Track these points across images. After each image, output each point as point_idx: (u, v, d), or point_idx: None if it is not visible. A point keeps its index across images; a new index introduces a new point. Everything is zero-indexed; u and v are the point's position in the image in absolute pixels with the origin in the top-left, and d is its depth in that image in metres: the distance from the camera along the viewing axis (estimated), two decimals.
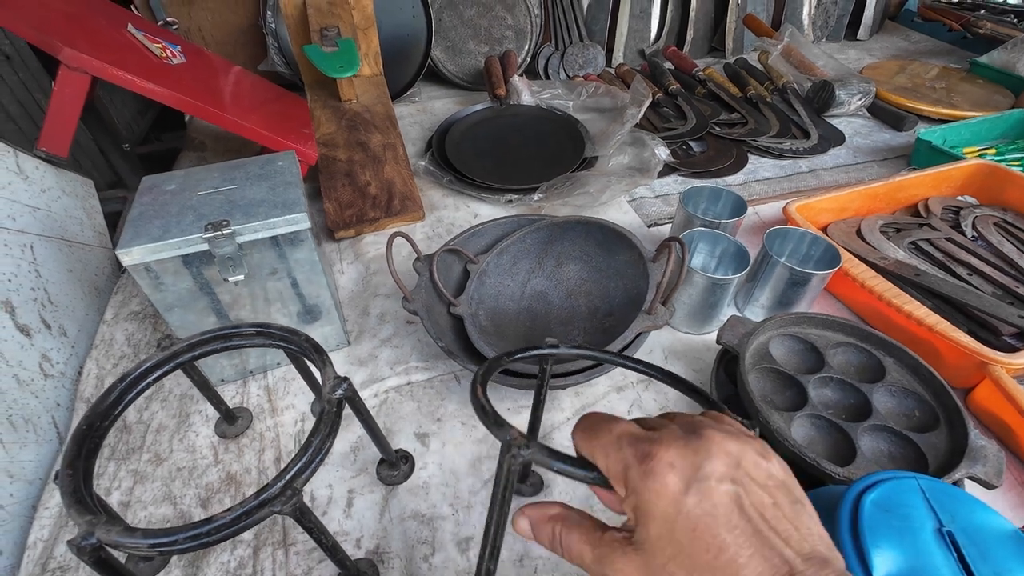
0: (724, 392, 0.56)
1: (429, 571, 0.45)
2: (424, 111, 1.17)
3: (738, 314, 0.61)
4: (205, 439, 0.57)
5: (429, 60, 1.18)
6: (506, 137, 1.01)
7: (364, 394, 0.60)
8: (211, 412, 0.59)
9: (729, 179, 0.96)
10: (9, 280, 0.56)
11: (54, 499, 0.50)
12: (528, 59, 1.27)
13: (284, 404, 0.60)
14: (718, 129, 1.08)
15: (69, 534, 0.48)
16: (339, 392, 0.39)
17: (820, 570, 0.19)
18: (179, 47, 0.77)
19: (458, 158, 0.94)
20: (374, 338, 0.66)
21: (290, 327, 0.44)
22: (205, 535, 0.33)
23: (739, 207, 0.70)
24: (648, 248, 0.60)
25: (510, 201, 0.87)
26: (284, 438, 0.56)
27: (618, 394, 0.60)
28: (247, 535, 0.48)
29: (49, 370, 0.58)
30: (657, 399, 0.59)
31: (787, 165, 1.00)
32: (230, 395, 0.60)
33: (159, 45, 0.73)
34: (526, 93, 1.08)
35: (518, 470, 0.30)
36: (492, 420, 0.29)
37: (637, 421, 0.26)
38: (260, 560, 0.47)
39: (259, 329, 0.44)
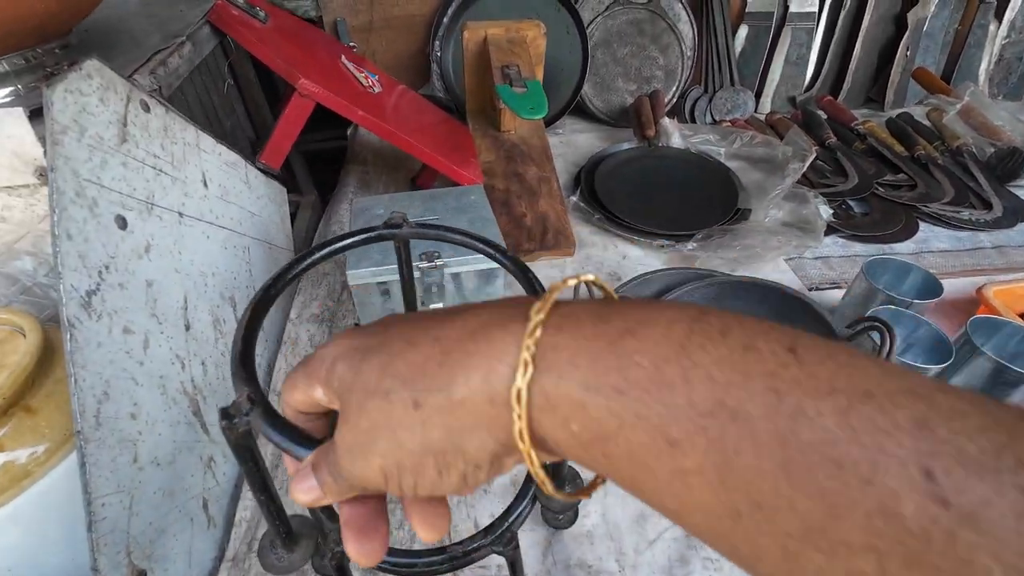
0: None
1: None
2: (568, 144, 1.19)
3: None
4: None
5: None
6: (655, 179, 1.01)
7: None
8: None
9: (897, 247, 0.90)
10: (234, 278, 0.64)
11: None
12: (675, 100, 1.27)
13: None
14: (881, 190, 1.01)
15: None
16: None
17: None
18: (376, 76, 0.84)
19: (607, 196, 0.95)
20: None
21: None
22: (439, 563, 0.35)
23: (931, 287, 0.65)
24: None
25: (662, 247, 0.87)
26: None
27: None
28: None
29: None
30: None
31: (966, 237, 0.92)
32: None
33: (364, 75, 0.81)
34: (676, 136, 1.07)
35: (240, 444, 0.25)
36: (238, 360, 0.24)
37: None
38: None
39: None
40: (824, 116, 1.24)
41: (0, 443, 0.37)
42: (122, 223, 0.44)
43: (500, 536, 0.37)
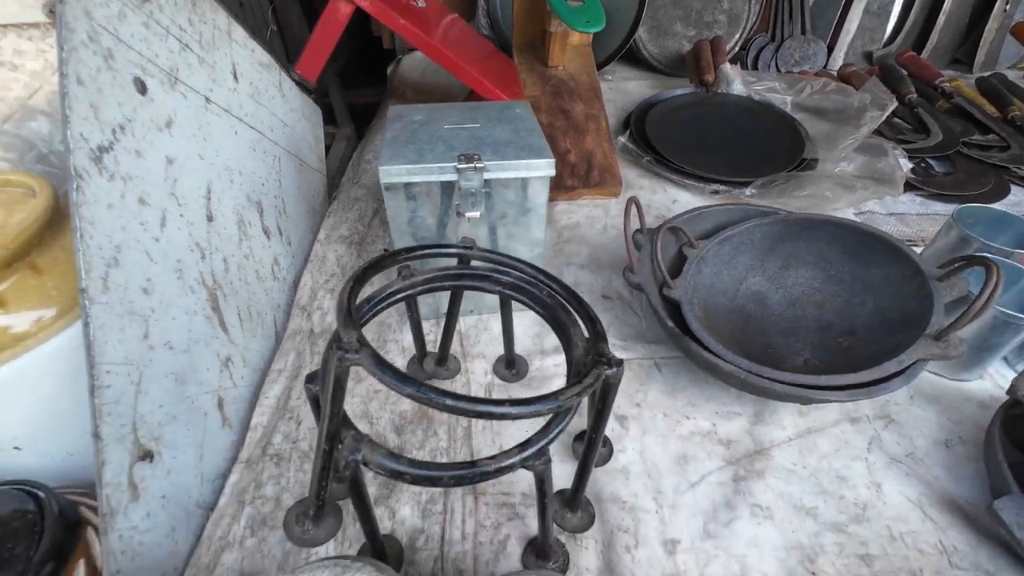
0: (1010, 458, 0.45)
1: (632, 563, 0.41)
2: (617, 90, 1.12)
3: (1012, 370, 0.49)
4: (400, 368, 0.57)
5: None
6: (712, 125, 0.93)
7: (559, 362, 0.57)
8: (407, 343, 0.59)
9: None
10: (263, 184, 0.61)
11: (273, 391, 0.53)
12: (736, 48, 1.17)
13: (475, 352, 0.59)
14: (967, 150, 0.91)
15: (286, 424, 0.50)
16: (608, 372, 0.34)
17: None
18: None
19: (659, 139, 0.88)
20: None
21: (562, 281, 0.41)
22: (468, 478, 0.31)
23: None
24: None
25: (716, 192, 0.80)
26: (475, 386, 0.55)
27: (852, 426, 0.51)
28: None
29: (278, 272, 0.62)
30: (901, 442, 0.49)
31: None
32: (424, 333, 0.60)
33: None
34: (738, 82, 0.99)
35: (343, 375, 0.31)
36: (345, 313, 0.30)
37: None
38: (451, 500, 0.46)
39: (532, 276, 0.42)
40: (904, 73, 1.13)
41: (2, 299, 0.34)
42: (141, 87, 0.40)
43: (535, 453, 0.32)
